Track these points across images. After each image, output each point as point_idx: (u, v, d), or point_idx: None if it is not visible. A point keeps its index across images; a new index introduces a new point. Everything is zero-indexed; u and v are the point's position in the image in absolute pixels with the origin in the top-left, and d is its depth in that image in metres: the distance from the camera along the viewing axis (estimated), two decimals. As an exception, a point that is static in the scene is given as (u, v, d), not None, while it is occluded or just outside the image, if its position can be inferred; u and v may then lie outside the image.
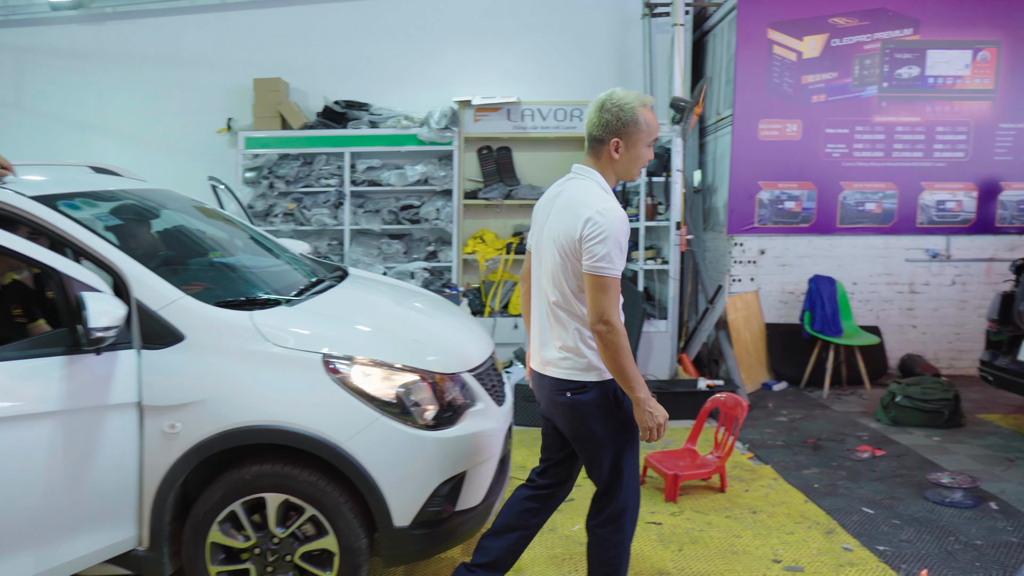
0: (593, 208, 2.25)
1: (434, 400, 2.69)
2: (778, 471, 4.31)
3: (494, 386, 3.07)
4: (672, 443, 4.80)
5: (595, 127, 2.37)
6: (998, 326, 4.93)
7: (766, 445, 4.80)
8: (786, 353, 6.62)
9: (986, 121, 6.77)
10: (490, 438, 2.86)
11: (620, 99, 2.33)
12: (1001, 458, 4.50)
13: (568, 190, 2.42)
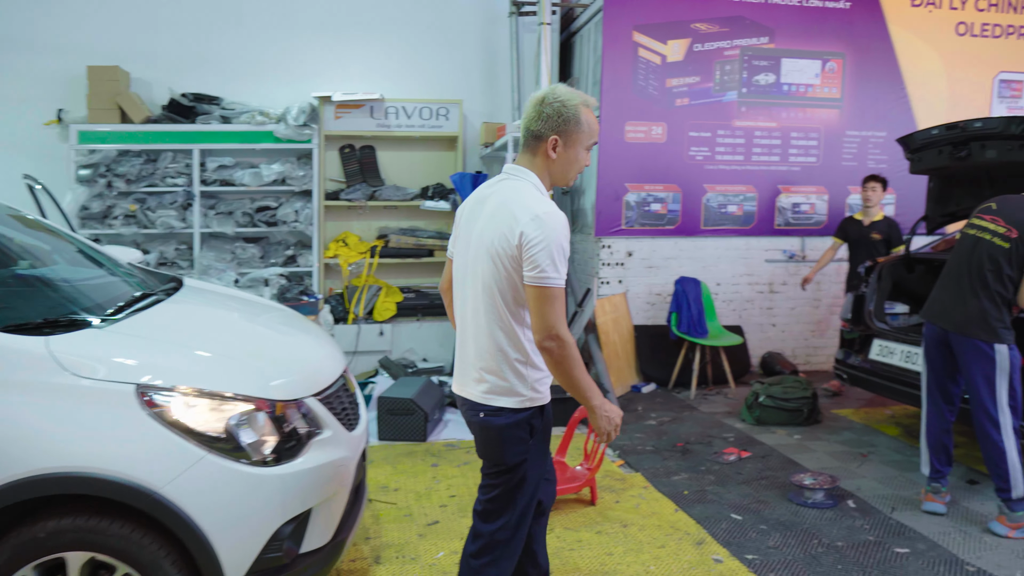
0: (531, 212, 2.06)
1: (273, 431, 2.36)
2: (648, 479, 4.24)
3: (344, 409, 2.77)
4: (543, 453, 4.65)
5: (533, 122, 2.17)
6: (851, 326, 5.09)
7: (636, 451, 4.74)
8: (654, 355, 6.64)
9: (835, 128, 7.08)
10: (339, 468, 2.56)
11: (562, 95, 2.16)
12: (855, 454, 4.64)
13: (501, 192, 2.20)
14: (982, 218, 3.62)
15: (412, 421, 4.90)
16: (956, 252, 3.70)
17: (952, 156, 4.42)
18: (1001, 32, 7.45)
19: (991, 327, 3.44)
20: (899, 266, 5.17)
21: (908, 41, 7.17)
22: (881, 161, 7.22)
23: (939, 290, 3.72)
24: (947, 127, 4.42)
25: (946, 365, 3.67)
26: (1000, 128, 4.11)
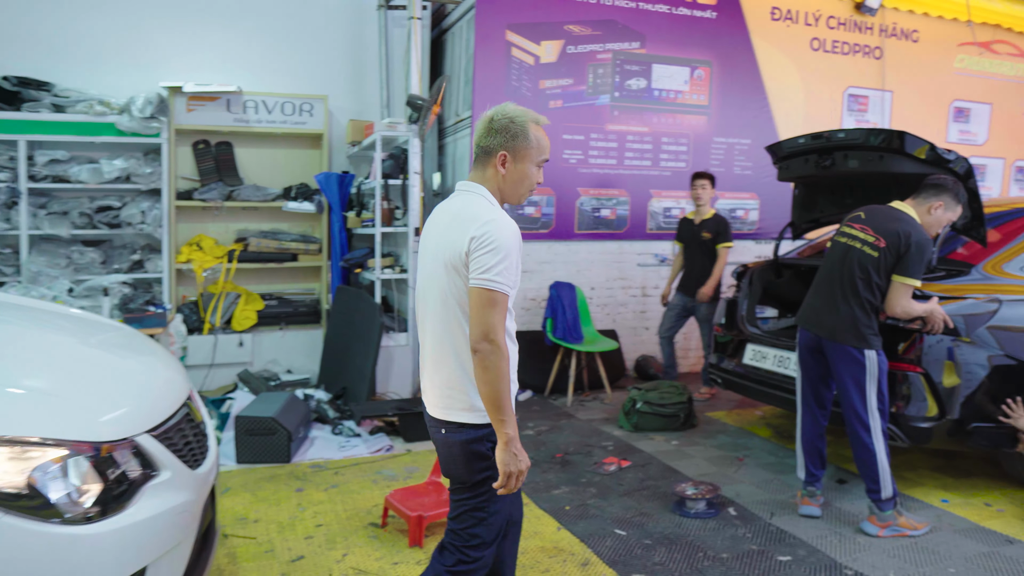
0: (481, 219, 2.06)
1: (96, 478, 1.96)
2: (529, 494, 4.05)
3: (188, 443, 2.39)
4: (417, 470, 4.38)
5: (483, 137, 2.19)
6: (725, 330, 5.14)
7: (515, 464, 4.55)
8: (531, 361, 6.48)
9: (703, 134, 7.23)
10: (181, 515, 2.20)
11: (511, 112, 2.19)
12: (732, 458, 4.66)
13: (453, 206, 2.20)
14: (852, 227, 3.69)
15: (274, 441, 4.49)
16: (828, 260, 3.75)
17: (817, 165, 4.52)
18: (849, 50, 7.87)
19: (861, 334, 3.50)
20: (768, 271, 5.28)
21: (769, 53, 7.43)
22: (746, 168, 7.45)
23: (812, 297, 3.76)
24: (812, 137, 4.52)
25: (819, 370, 3.71)
26: (861, 139, 4.23)
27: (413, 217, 5.94)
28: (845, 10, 7.79)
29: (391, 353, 5.83)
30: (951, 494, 4.08)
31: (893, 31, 8.10)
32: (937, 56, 8.42)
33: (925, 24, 8.28)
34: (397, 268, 6.04)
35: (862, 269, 3.52)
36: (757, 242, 7.62)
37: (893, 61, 8.11)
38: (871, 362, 3.49)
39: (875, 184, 4.69)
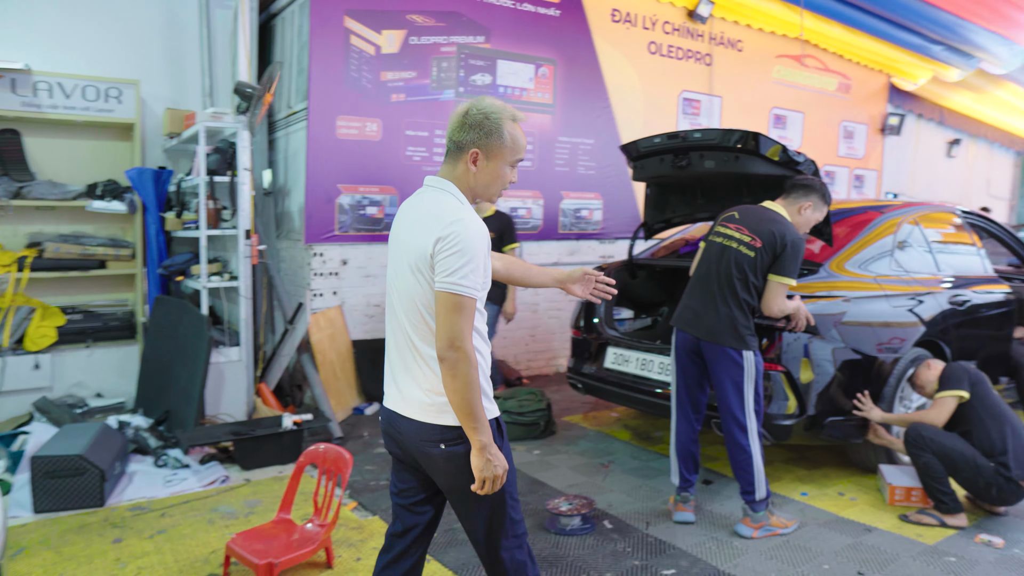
0: (447, 219, 1.96)
1: None
2: (388, 521, 3.68)
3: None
4: (260, 503, 3.88)
5: (456, 132, 2.10)
6: (583, 333, 5.02)
7: (370, 488, 4.16)
8: (376, 371, 6.09)
9: (548, 133, 7.14)
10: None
11: (487, 107, 2.09)
12: (596, 465, 4.54)
13: (422, 203, 2.11)
14: (727, 226, 3.65)
15: (83, 483, 3.80)
16: (703, 260, 3.69)
17: (674, 165, 4.49)
18: (683, 55, 8.12)
19: (740, 334, 3.46)
20: (623, 272, 5.23)
21: (610, 54, 7.48)
22: (590, 168, 7.45)
23: (689, 298, 3.69)
24: (668, 136, 4.47)
25: (696, 373, 3.65)
26: (718, 140, 4.23)
27: (243, 218, 5.34)
28: (679, 16, 8.02)
29: (222, 370, 5.20)
30: (808, 486, 4.18)
31: (721, 40, 8.46)
32: (758, 65, 8.91)
33: (748, 35, 8.73)
34: (226, 275, 5.41)
35: (739, 269, 3.49)
36: (602, 242, 7.66)
37: (721, 68, 8.47)
38: (749, 363, 3.47)
39: (726, 185, 4.75)
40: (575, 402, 6.09)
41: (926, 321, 4.34)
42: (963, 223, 5.23)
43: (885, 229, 4.58)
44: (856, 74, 10.15)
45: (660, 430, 5.27)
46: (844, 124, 10.07)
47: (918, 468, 3.76)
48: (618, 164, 7.65)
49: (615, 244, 7.76)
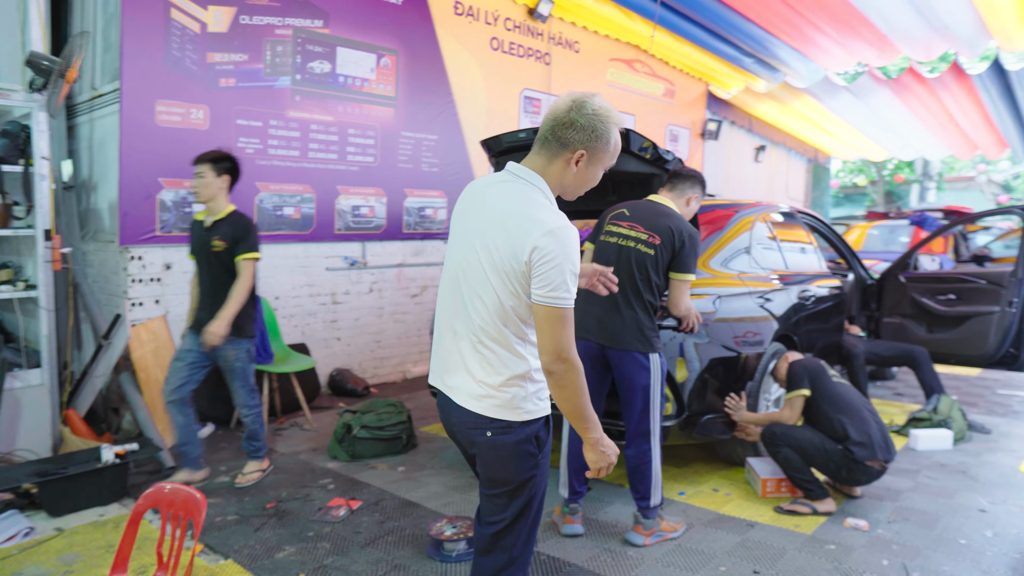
0: (545, 226, 1.89)
1: None
2: (246, 565, 3.21)
3: None
4: (80, 558, 3.24)
5: (562, 128, 1.99)
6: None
7: (217, 526, 3.63)
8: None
9: (390, 128, 6.77)
10: None
11: (601, 110, 2.00)
12: (468, 479, 4.27)
13: (508, 196, 2.01)
14: (619, 225, 3.52)
15: None
16: (599, 261, 3.50)
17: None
18: (524, 53, 8.05)
19: (646, 337, 3.34)
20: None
21: (453, 48, 7.24)
22: (434, 165, 7.17)
23: (588, 303, 3.46)
24: (534, 131, 4.28)
25: (597, 382, 3.47)
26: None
27: (42, 216, 4.52)
28: (519, 14, 7.94)
29: (18, 398, 4.37)
30: (683, 485, 4.18)
31: (560, 40, 8.49)
32: (594, 67, 9.06)
33: (585, 36, 8.83)
34: (20, 284, 4.56)
35: (641, 269, 3.36)
36: (446, 241, 7.39)
37: (559, 68, 8.50)
38: (655, 365, 3.36)
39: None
40: (431, 410, 5.79)
41: (782, 316, 4.50)
42: (800, 222, 5.52)
43: (742, 227, 4.70)
44: (680, 81, 10.65)
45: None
46: (670, 128, 10.52)
47: (779, 462, 3.86)
48: (462, 161, 7.43)
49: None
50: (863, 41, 9.28)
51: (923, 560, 3.27)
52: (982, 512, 3.83)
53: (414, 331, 7.14)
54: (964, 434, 5.03)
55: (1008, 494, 4.08)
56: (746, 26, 9.11)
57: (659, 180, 4.20)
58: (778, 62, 10.38)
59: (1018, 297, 5.43)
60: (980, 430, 5.24)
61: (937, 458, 4.69)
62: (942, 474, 4.40)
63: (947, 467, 4.53)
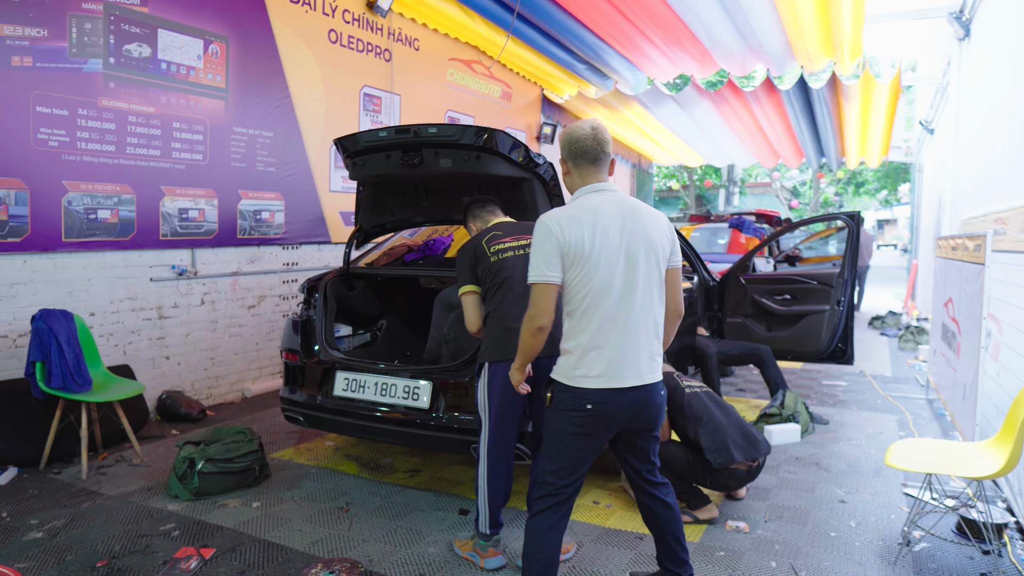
0: (663, 217, 2.63)
1: None
2: (79, 643, 2.66)
3: None
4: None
5: (606, 145, 2.62)
6: (302, 358, 4.29)
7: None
8: (9, 423, 4.61)
9: (221, 122, 6.14)
10: None
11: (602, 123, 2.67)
12: (335, 510, 3.88)
13: (623, 203, 2.57)
14: (502, 242, 3.25)
15: None
16: (513, 278, 3.18)
17: (403, 163, 4.00)
18: (363, 48, 7.65)
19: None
20: (339, 283, 4.61)
21: (289, 38, 6.71)
22: (270, 164, 6.61)
23: (514, 320, 3.07)
24: (397, 131, 3.97)
25: (525, 402, 3.22)
26: (456, 137, 3.86)
27: None
28: (358, 6, 7.53)
29: None
30: (562, 502, 4.05)
31: (399, 36, 8.17)
32: (434, 66, 8.82)
33: (424, 35, 8.57)
34: None
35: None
36: (285, 247, 6.86)
37: (400, 65, 8.18)
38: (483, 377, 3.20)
39: (453, 186, 4.44)
40: (279, 432, 5.29)
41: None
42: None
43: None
44: (516, 84, 10.67)
45: (388, 456, 4.77)
46: (507, 130, 10.50)
47: None
48: (300, 161, 6.92)
49: (299, 250, 7.01)
50: (687, 54, 9.76)
51: (805, 558, 3.35)
52: (842, 503, 4.03)
53: (252, 345, 6.54)
54: (809, 426, 5.34)
55: (859, 483, 4.34)
56: (581, 32, 9.26)
57: (529, 184, 4.06)
58: (609, 69, 10.69)
59: (844, 296, 5.87)
60: (820, 421, 5.59)
61: (791, 451, 4.92)
62: (799, 468, 4.61)
63: (801, 459, 4.76)
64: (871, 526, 3.71)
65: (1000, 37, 6.88)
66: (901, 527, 3.66)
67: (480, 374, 3.21)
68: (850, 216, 5.74)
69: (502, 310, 3.16)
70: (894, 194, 30.37)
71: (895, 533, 3.61)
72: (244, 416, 5.78)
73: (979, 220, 6.71)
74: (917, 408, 6.20)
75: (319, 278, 4.57)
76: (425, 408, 3.79)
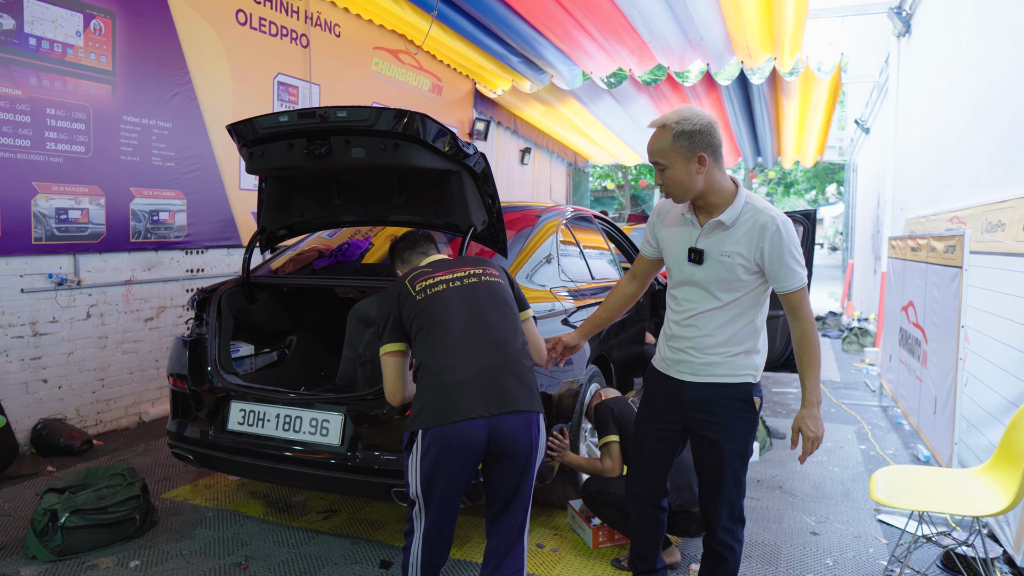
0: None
1: None
2: None
3: None
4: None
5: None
6: (190, 385, 3.62)
7: None
8: None
9: (107, 110, 5.38)
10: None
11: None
12: (231, 568, 3.24)
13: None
14: (432, 277, 2.63)
15: None
16: (450, 315, 2.51)
17: (309, 153, 3.37)
18: (277, 32, 6.96)
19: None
20: (238, 295, 3.96)
21: (189, 16, 5.97)
22: (168, 159, 5.87)
23: (455, 373, 2.43)
24: (301, 115, 3.33)
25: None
26: (371, 121, 3.24)
27: None
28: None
29: None
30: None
31: (318, 20, 7.50)
32: (357, 55, 8.17)
33: (346, 20, 7.91)
34: None
35: (501, 299, 2.64)
36: (188, 252, 6.12)
37: (319, 53, 7.51)
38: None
39: (372, 181, 3.84)
40: (176, 467, 4.58)
41: (592, 340, 4.00)
42: (597, 227, 5.14)
43: (546, 233, 4.16)
44: (447, 77, 10.08)
45: (300, 493, 4.13)
46: (439, 126, 9.91)
47: (605, 521, 3.37)
48: (205, 155, 6.19)
49: (205, 255, 6.28)
50: (625, 47, 9.36)
51: (782, 609, 2.90)
52: (814, 535, 3.60)
53: (150, 363, 5.78)
54: (767, 442, 4.94)
55: (828, 509, 3.94)
56: (515, 22, 8.76)
57: (459, 178, 3.50)
58: (544, 63, 10.22)
59: (799, 300, 5.49)
60: (777, 436, 5.21)
61: (752, 472, 4.50)
62: (762, 492, 4.18)
63: (763, 483, 4.34)
64: (850, 564, 3.30)
65: (948, 32, 6.66)
66: (884, 565, 3.24)
67: (411, 447, 2.41)
68: (805, 215, 5.37)
69: (438, 360, 2.44)
70: (822, 194, 30.95)
71: (877, 572, 3.20)
72: (139, 444, 5.05)
73: (928, 219, 6.46)
74: (872, 417, 5.89)
75: (212, 289, 3.90)
76: (336, 445, 3.19)
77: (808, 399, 2.39)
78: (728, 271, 2.40)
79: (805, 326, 2.41)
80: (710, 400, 2.51)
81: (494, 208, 3.55)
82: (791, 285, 2.37)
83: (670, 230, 2.60)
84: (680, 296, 2.55)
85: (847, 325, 10.73)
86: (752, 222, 2.38)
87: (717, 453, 2.50)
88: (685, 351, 2.54)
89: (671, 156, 2.35)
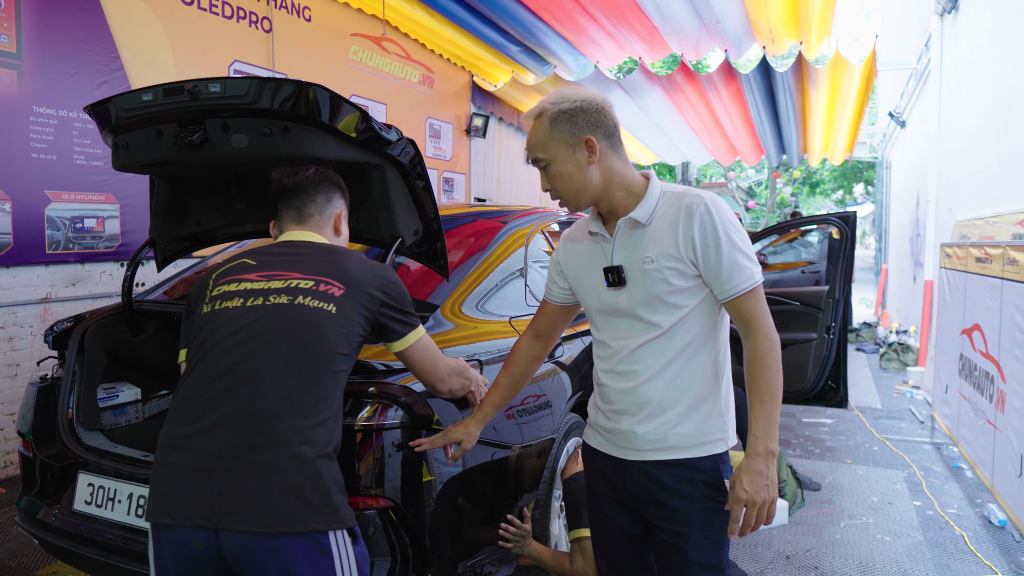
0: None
1: None
2: None
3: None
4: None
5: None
6: (37, 446, 2.77)
7: None
8: None
9: (10, 100, 4.58)
10: None
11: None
12: None
13: None
14: (241, 280, 1.82)
15: None
16: (196, 347, 1.77)
17: (179, 141, 2.46)
18: (233, 13, 6.13)
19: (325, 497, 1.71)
20: (115, 327, 3.09)
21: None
22: (94, 157, 5.07)
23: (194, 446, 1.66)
24: (166, 91, 2.44)
25: None
26: (251, 98, 2.34)
27: None
28: (222, -41, 6.02)
29: None
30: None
31: (283, 3, 6.67)
32: (332, 42, 7.33)
33: (317, 3, 7.07)
34: None
35: (313, 338, 1.77)
36: (122, 264, 5.31)
37: (285, 38, 6.68)
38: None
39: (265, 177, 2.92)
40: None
41: (575, 373, 3.11)
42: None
43: (511, 245, 3.26)
44: (440, 68, 9.22)
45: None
46: (430, 121, 9.06)
47: None
48: (142, 154, 5.37)
49: (144, 268, 5.45)
50: (635, 34, 8.47)
51: None
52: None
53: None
54: (797, 498, 4.00)
55: (879, 606, 3.00)
56: (515, 8, 7.90)
57: (380, 173, 2.60)
58: (548, 53, 9.34)
59: (835, 322, 4.55)
60: (811, 487, 4.26)
61: (777, 543, 3.56)
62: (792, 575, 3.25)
63: (794, 560, 3.40)
64: None
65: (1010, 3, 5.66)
66: None
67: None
68: (843, 219, 4.43)
69: (169, 425, 1.67)
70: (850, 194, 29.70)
71: None
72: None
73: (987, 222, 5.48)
74: (924, 458, 4.92)
75: (79, 319, 3.05)
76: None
77: (753, 445, 1.66)
78: (657, 283, 1.73)
79: (761, 343, 1.70)
80: (662, 486, 1.75)
81: (429, 212, 2.66)
82: (737, 286, 1.69)
83: (579, 259, 1.92)
84: (607, 336, 1.85)
85: (884, 339, 9.69)
86: (674, 209, 1.75)
87: (679, 564, 1.75)
88: (622, 415, 1.80)
89: (551, 146, 1.79)
